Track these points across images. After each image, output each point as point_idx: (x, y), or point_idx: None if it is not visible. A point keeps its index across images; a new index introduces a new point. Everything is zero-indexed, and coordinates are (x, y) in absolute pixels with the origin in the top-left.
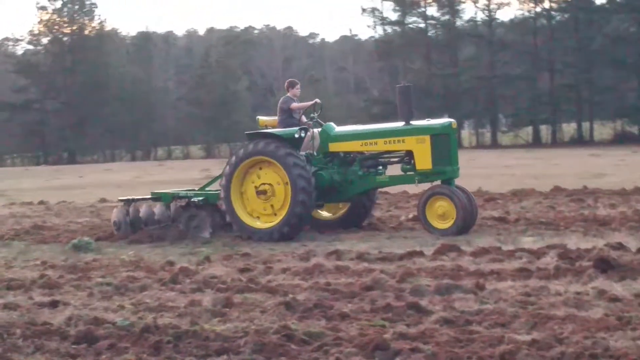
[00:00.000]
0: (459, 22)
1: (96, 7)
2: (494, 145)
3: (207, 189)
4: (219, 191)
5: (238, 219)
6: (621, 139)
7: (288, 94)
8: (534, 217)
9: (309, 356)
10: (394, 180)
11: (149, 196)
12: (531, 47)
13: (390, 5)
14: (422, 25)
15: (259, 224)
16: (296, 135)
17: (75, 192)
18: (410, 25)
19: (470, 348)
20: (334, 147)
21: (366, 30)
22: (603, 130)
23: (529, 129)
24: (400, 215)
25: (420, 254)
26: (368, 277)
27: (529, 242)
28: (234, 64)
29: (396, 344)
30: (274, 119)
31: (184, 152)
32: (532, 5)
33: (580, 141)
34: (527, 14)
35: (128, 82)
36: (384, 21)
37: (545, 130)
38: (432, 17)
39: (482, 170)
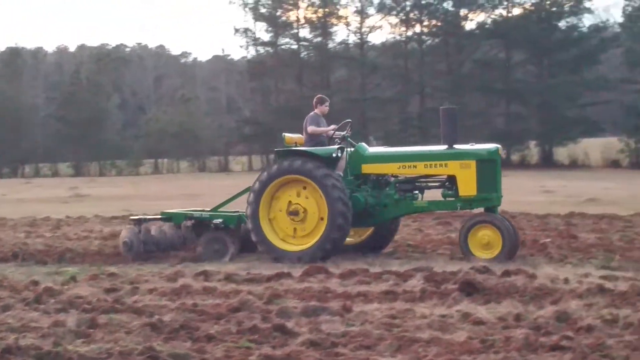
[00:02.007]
0: (331, 44)
1: None
2: None
3: (219, 210)
4: (237, 213)
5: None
6: None
7: (316, 111)
8: (401, 239)
9: None
10: (433, 206)
11: (160, 216)
12: (402, 71)
13: (263, 26)
14: (295, 46)
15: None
16: (334, 155)
17: None
18: (283, 47)
19: None
20: (367, 168)
21: (239, 50)
22: None
23: None
24: None
25: (288, 275)
26: (235, 298)
27: (396, 264)
28: (105, 81)
29: None
30: (300, 136)
31: (53, 169)
32: (403, 29)
33: None
34: (398, 37)
35: None
36: (256, 42)
37: None
38: (305, 39)
39: None
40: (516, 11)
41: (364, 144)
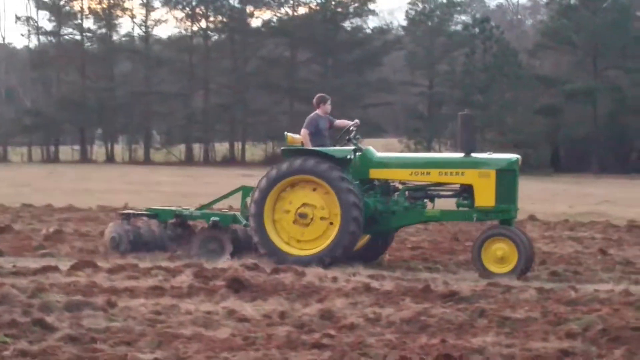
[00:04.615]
0: (115, 37)
1: None
2: (147, 161)
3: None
4: (227, 212)
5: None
6: (271, 161)
7: (317, 111)
8: None
9: None
10: (446, 216)
11: (147, 212)
12: (187, 66)
13: (46, 14)
14: (78, 37)
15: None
16: (348, 157)
17: None
18: (66, 37)
19: None
20: (375, 173)
21: (21, 39)
22: (254, 151)
23: (182, 147)
24: (41, 229)
25: (56, 269)
26: None
27: (165, 260)
28: None
29: None
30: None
31: None
32: (189, 23)
33: (232, 161)
34: (184, 32)
35: None
36: (38, 31)
37: (198, 149)
38: (89, 30)
39: (132, 186)
40: (302, 10)
41: (371, 147)
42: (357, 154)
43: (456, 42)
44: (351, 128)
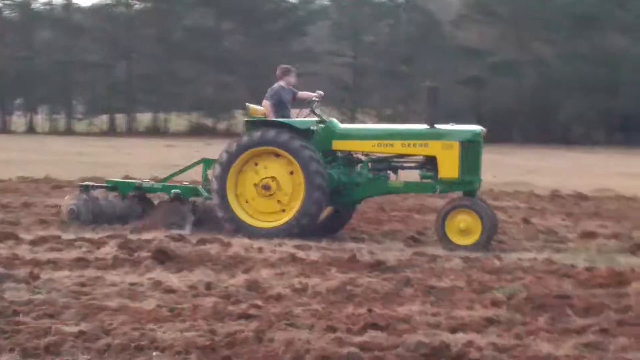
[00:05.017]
0: (35, 4)
1: None
2: (68, 132)
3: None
4: (188, 185)
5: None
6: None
7: (280, 82)
8: None
9: None
10: (410, 187)
11: (106, 184)
12: (110, 35)
13: None
14: None
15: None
16: (312, 128)
17: None
18: None
19: (14, 340)
20: (338, 145)
21: None
22: (179, 121)
23: (105, 117)
24: None
25: None
26: None
27: (90, 231)
28: None
29: None
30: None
31: None
32: None
33: (155, 131)
34: (107, 0)
35: None
36: None
37: (120, 119)
38: None
39: (53, 157)
40: None
41: (334, 119)
42: (320, 125)
43: (381, 12)
44: (314, 99)
